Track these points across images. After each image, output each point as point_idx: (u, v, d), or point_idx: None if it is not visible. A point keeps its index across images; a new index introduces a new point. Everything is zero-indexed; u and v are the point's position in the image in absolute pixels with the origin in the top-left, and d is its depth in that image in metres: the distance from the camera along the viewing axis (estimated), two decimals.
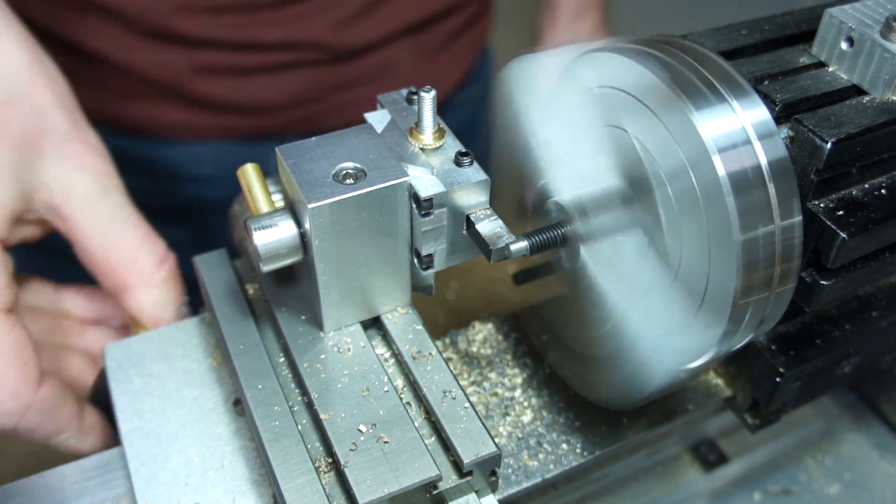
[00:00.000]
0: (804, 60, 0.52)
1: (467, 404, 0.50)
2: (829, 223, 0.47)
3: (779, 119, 0.47)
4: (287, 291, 0.57)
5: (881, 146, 0.48)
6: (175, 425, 0.55)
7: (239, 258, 0.62)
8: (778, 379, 0.55)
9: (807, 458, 0.75)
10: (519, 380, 0.62)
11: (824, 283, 0.49)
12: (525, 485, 0.55)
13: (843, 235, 0.46)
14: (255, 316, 0.57)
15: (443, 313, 0.87)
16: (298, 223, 0.49)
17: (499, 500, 0.55)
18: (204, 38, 0.90)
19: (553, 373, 0.62)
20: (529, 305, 0.64)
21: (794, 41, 0.54)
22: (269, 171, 0.57)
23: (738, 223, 0.42)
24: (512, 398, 0.60)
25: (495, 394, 0.61)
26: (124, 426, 0.55)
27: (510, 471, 0.56)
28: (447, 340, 0.64)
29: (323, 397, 0.51)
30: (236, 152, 1.01)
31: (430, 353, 0.53)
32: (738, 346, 0.49)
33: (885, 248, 0.51)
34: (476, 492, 0.50)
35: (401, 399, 0.51)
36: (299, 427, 0.50)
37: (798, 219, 0.44)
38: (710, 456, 0.73)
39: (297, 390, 0.53)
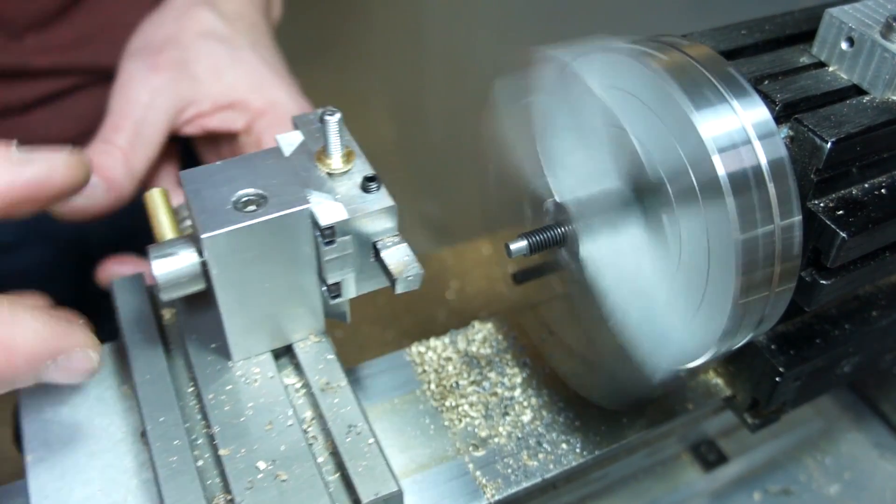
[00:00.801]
0: (804, 60, 0.52)
1: (372, 440, 0.49)
2: (828, 223, 0.47)
3: (779, 119, 0.47)
4: (201, 317, 0.55)
5: (881, 146, 0.48)
6: (82, 456, 0.53)
7: None
8: (778, 378, 0.55)
9: (807, 457, 0.75)
10: (519, 379, 0.62)
11: (824, 282, 0.49)
12: (525, 485, 0.55)
13: (843, 235, 0.46)
14: (165, 343, 0.55)
15: (443, 313, 0.87)
16: (200, 252, 0.47)
17: (499, 500, 0.55)
18: None
19: (553, 372, 0.62)
20: (528, 304, 0.64)
21: (795, 41, 0.54)
22: None
23: (737, 223, 0.42)
24: (512, 398, 0.60)
25: (495, 393, 0.61)
26: (30, 457, 0.53)
27: (510, 471, 0.56)
28: (447, 340, 0.64)
29: (225, 431, 0.49)
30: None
31: (340, 385, 0.52)
32: (738, 346, 0.50)
33: (884, 247, 0.51)
34: None
35: (306, 433, 0.50)
36: (200, 462, 0.49)
37: (798, 218, 0.44)
38: (709, 456, 0.73)
39: (203, 422, 0.52)
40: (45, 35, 0.82)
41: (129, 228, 0.91)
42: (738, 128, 0.43)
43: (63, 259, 0.95)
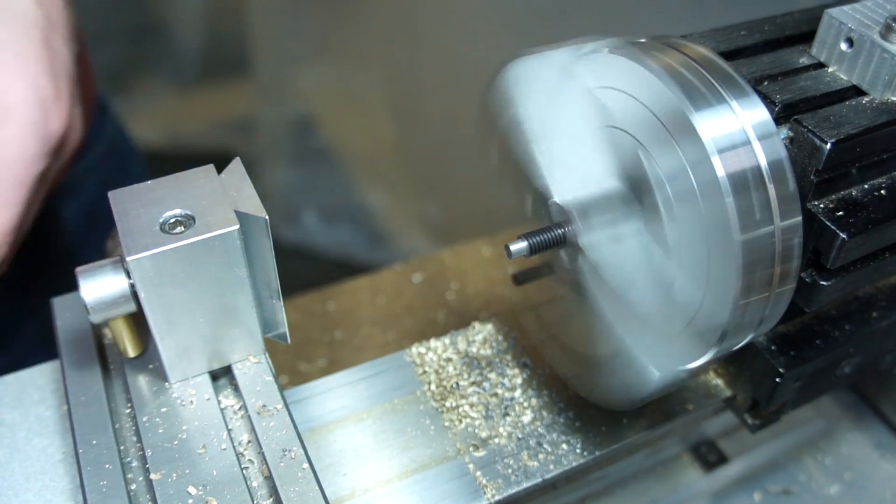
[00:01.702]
0: (804, 61, 0.52)
1: (306, 465, 0.48)
2: (828, 224, 0.47)
3: (778, 120, 0.48)
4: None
5: (881, 147, 0.48)
6: (18, 478, 0.53)
7: None
8: (778, 379, 0.55)
9: (807, 458, 0.75)
10: (519, 380, 0.62)
11: (824, 283, 0.49)
12: (525, 485, 0.55)
13: (843, 236, 0.47)
14: (105, 364, 0.55)
15: (443, 313, 0.87)
16: (129, 274, 0.47)
17: (499, 501, 0.55)
18: None
19: (553, 373, 0.62)
20: (529, 305, 0.64)
21: (794, 42, 0.54)
22: None
23: (737, 224, 0.42)
24: (512, 398, 0.60)
25: (495, 394, 0.61)
26: None
27: (510, 471, 0.56)
28: (447, 341, 0.64)
29: (157, 454, 0.49)
30: None
31: (276, 408, 0.51)
32: (738, 347, 0.50)
33: (884, 248, 0.51)
34: None
35: (240, 457, 0.49)
36: (133, 487, 0.48)
37: (798, 219, 0.44)
38: (710, 456, 0.73)
39: (139, 445, 0.51)
40: None
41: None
42: (737, 129, 0.43)
43: None
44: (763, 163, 0.43)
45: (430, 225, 2.09)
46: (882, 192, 0.50)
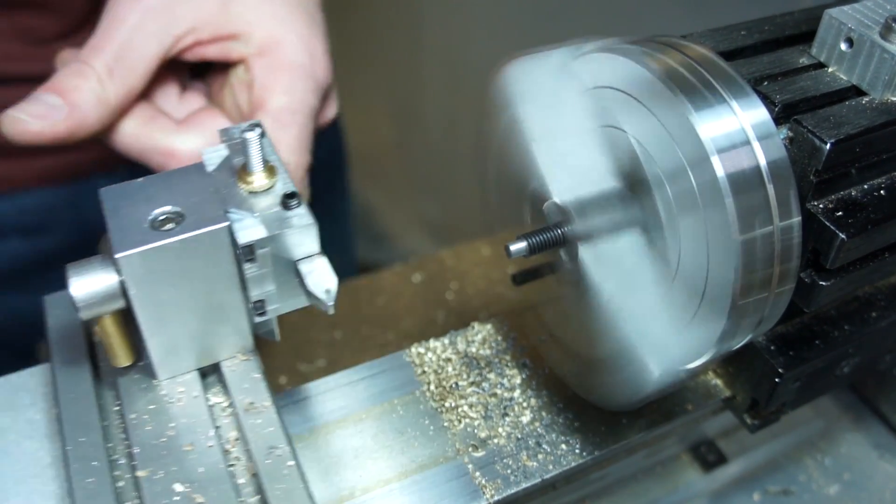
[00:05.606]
0: (804, 61, 0.52)
1: (292, 462, 0.48)
2: (828, 224, 0.47)
3: (778, 120, 0.47)
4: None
5: (880, 147, 0.48)
6: (8, 482, 0.52)
7: None
8: (777, 379, 0.55)
9: (806, 458, 0.75)
10: (518, 380, 0.62)
11: (823, 283, 0.49)
12: (524, 485, 0.55)
13: (843, 236, 0.46)
14: (95, 362, 0.55)
15: (442, 313, 0.87)
16: (119, 270, 0.47)
17: (498, 501, 0.55)
18: None
19: (552, 373, 0.62)
20: (529, 305, 0.64)
21: (794, 42, 0.54)
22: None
23: (737, 224, 0.42)
24: (511, 398, 0.60)
25: (494, 394, 0.61)
26: None
27: (509, 471, 0.56)
28: (446, 341, 0.64)
29: (145, 452, 0.49)
30: (64, 196, 0.90)
31: (264, 405, 0.51)
32: (737, 347, 0.49)
33: (884, 248, 0.51)
34: None
35: (228, 454, 0.50)
36: (120, 484, 0.48)
37: (797, 219, 0.44)
38: (709, 456, 0.73)
39: (126, 442, 0.51)
40: (70, 42, 0.80)
41: None
42: (737, 129, 0.43)
43: (91, 243, 0.94)
44: (762, 163, 0.43)
45: (429, 225, 2.09)
46: (881, 192, 0.50)
